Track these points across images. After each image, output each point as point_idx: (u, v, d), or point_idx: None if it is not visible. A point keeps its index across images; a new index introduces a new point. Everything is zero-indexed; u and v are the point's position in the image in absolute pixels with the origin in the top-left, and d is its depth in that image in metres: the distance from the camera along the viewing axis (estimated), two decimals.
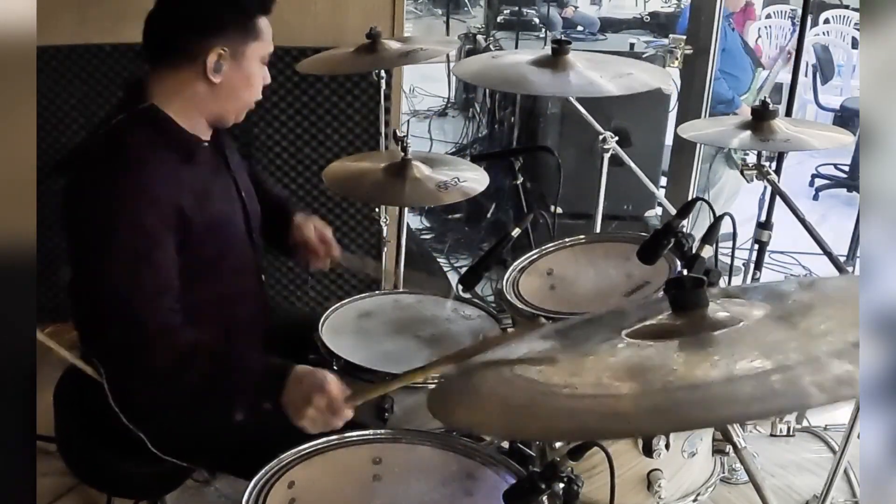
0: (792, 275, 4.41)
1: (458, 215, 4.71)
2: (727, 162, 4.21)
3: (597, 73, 2.19)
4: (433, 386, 1.57)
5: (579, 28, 6.72)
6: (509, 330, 1.95)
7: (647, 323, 1.14)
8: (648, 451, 1.37)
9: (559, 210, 2.38)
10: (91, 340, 1.69)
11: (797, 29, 3.14)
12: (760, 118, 2.09)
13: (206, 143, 1.80)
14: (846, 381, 0.85)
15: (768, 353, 0.95)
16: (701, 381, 0.93)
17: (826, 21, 7.26)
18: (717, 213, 1.64)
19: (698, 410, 0.91)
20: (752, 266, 2.98)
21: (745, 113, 4.06)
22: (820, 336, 0.96)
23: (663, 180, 4.14)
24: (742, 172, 2.14)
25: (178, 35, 1.68)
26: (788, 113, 2.73)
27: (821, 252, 1.98)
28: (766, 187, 2.87)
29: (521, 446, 1.62)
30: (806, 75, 6.03)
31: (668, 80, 3.67)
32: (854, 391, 0.87)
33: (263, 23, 1.73)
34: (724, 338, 1.02)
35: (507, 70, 2.25)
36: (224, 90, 1.71)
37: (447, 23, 7.81)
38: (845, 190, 5.67)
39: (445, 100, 6.82)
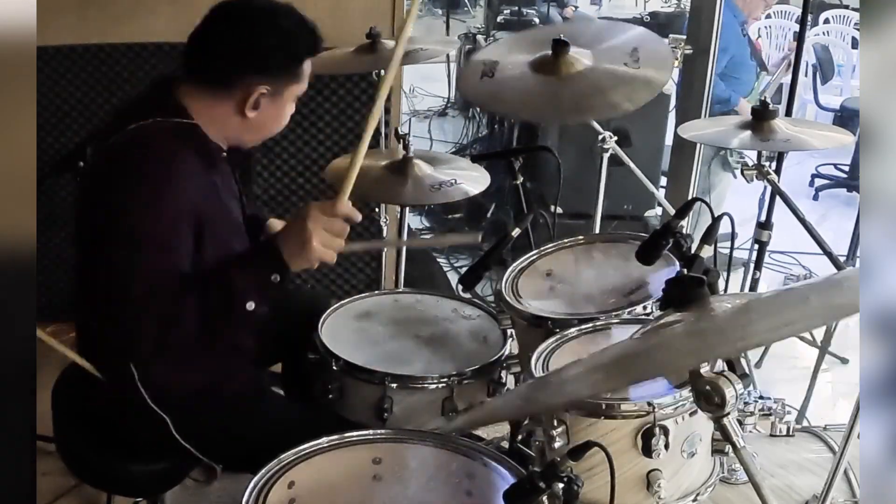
0: (792, 275, 4.41)
1: (458, 215, 4.70)
2: (723, 166, 4.20)
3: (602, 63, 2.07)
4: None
5: None
6: (509, 331, 1.94)
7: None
8: (648, 451, 1.37)
9: (559, 210, 2.37)
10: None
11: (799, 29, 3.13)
12: (760, 118, 2.09)
13: (225, 152, 1.78)
14: None
15: None
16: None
17: (826, 21, 7.25)
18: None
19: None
20: (752, 266, 2.98)
21: (744, 110, 4.16)
22: None
23: (663, 180, 4.14)
24: (742, 172, 2.14)
25: (221, 64, 1.64)
26: (788, 113, 2.73)
27: (821, 252, 1.98)
28: (766, 187, 2.87)
29: (521, 446, 1.62)
30: (806, 75, 6.02)
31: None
32: None
33: (307, 65, 1.70)
34: None
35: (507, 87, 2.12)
36: (256, 124, 1.70)
37: (447, 23, 7.80)
38: (845, 190, 5.66)
39: (445, 100, 6.81)
